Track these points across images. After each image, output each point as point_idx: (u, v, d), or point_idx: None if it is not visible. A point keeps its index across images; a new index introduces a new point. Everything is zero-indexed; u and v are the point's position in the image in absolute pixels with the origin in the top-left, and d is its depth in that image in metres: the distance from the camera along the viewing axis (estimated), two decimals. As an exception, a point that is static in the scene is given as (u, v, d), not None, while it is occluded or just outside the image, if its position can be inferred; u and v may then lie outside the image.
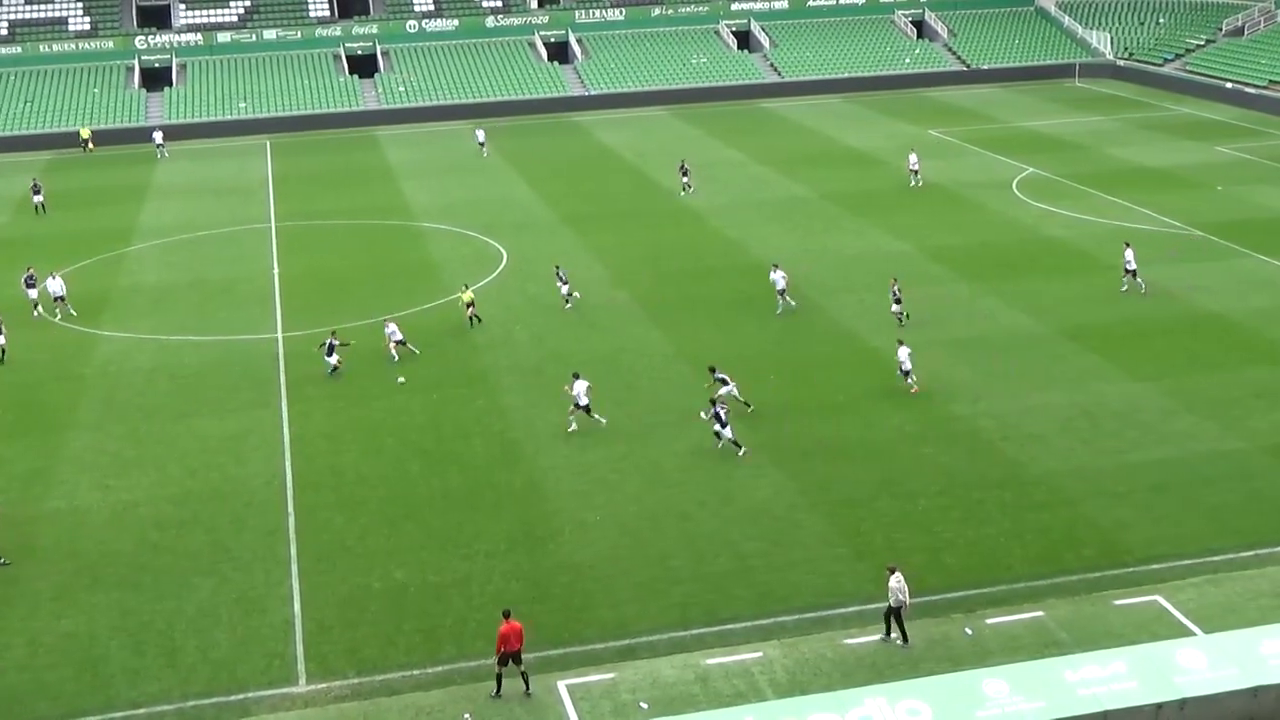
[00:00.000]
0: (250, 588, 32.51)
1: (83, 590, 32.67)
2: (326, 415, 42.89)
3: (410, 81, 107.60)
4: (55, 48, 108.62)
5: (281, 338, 51.05)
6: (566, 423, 41.18)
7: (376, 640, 30.02)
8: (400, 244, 65.49)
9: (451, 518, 35.73)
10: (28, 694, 28.55)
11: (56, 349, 50.94)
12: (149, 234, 69.77)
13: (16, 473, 39.70)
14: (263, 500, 37.27)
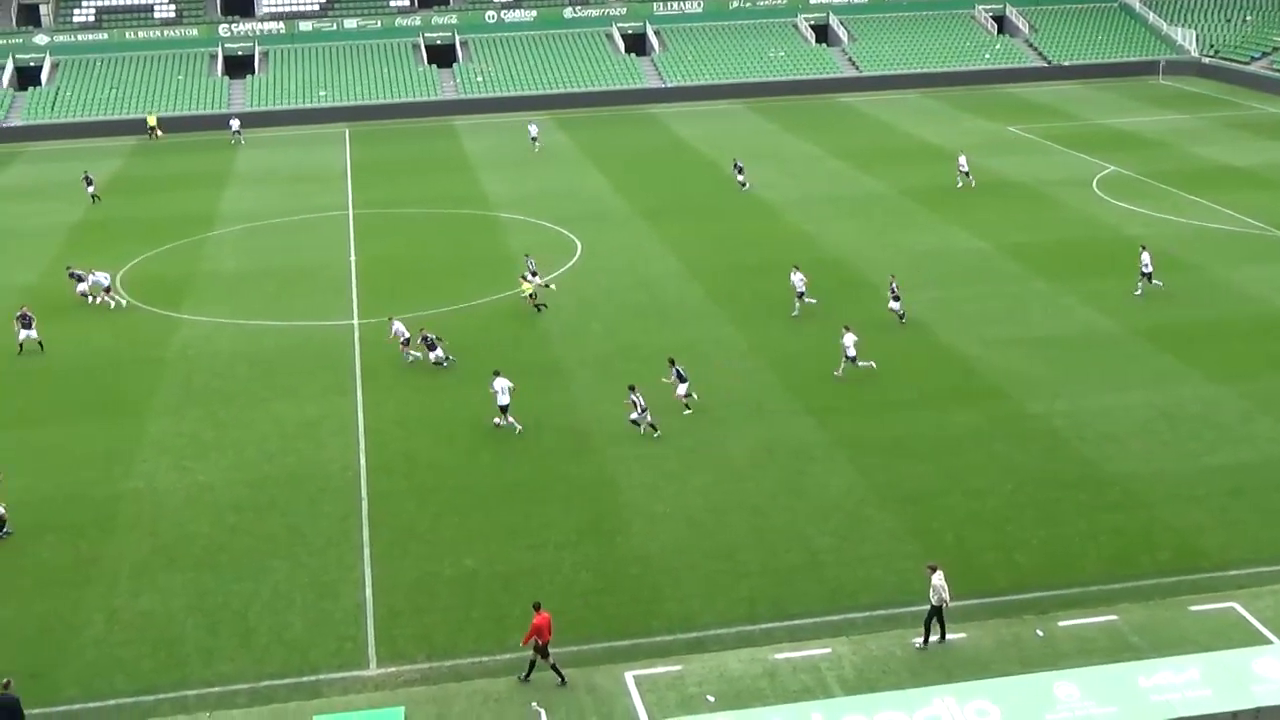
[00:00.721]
0: (323, 571, 32.90)
1: (160, 570, 33.22)
2: (400, 403, 43.26)
3: (488, 72, 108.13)
4: (141, 34, 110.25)
5: (357, 324, 51.54)
6: (492, 422, 41.18)
7: (446, 627, 30.28)
8: (476, 233, 65.88)
9: (521, 508, 35.94)
10: (105, 669, 29.10)
11: (138, 332, 51.76)
12: (229, 220, 70.69)
13: (98, 452, 40.41)
14: (337, 485, 37.68)
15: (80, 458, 40.15)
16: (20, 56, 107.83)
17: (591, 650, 29.16)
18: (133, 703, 27.86)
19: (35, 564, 33.75)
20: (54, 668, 29.14)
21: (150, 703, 27.83)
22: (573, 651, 29.03)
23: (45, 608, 31.57)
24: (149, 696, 28.04)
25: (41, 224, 71.26)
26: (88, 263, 61.20)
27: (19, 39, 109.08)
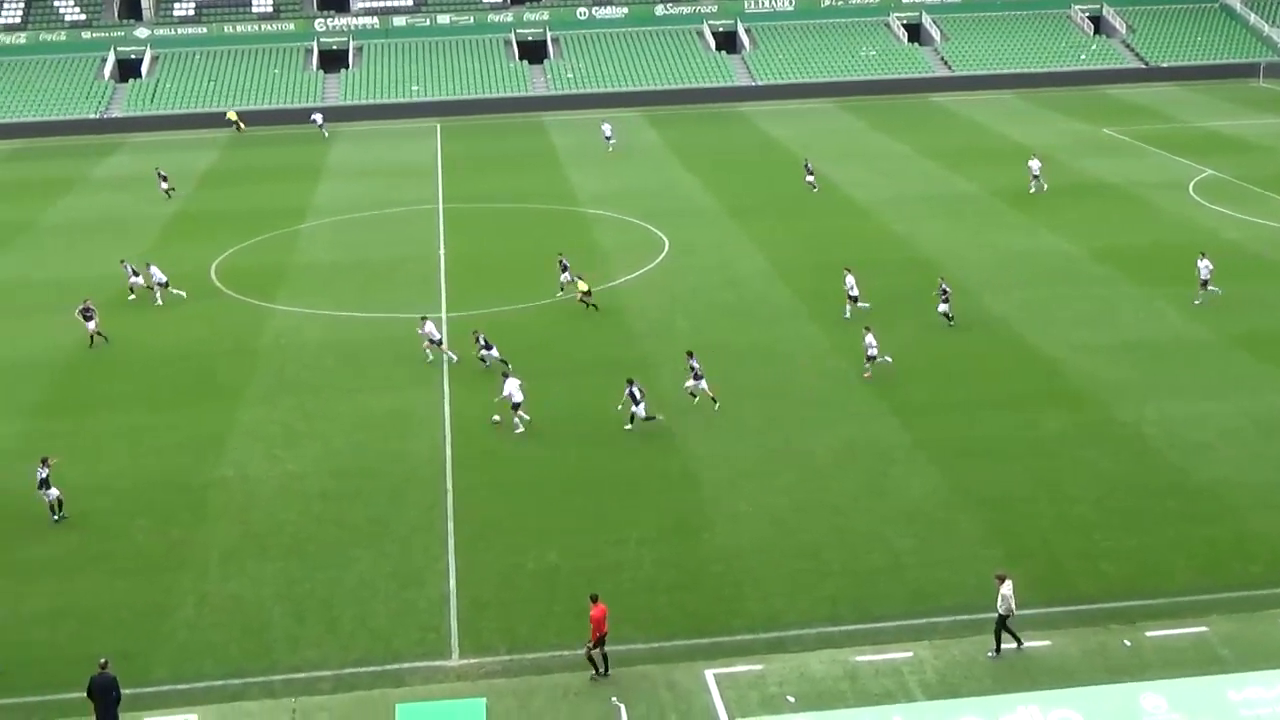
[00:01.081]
0: (408, 562, 33.25)
1: (250, 556, 33.76)
2: (486, 397, 43.52)
3: (578, 68, 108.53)
4: (239, 28, 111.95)
5: (446, 318, 52.00)
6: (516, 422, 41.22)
7: (528, 620, 30.47)
8: (564, 229, 66.16)
9: (605, 502, 36.08)
10: (195, 652, 29.64)
11: (232, 322, 52.60)
12: (322, 212, 71.61)
13: (192, 440, 41.14)
14: (423, 477, 38.05)
15: (175, 444, 40.91)
16: (122, 49, 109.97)
17: (672, 647, 29.22)
18: (221, 685, 28.34)
19: (129, 548, 34.45)
20: (146, 649, 29.73)
21: (238, 686, 28.30)
22: (653, 648, 29.14)
23: (138, 591, 32.22)
24: (236, 680, 28.51)
25: (140, 213, 72.67)
26: (180, 253, 62.47)
27: (120, 32, 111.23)
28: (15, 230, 69.90)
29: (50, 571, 33.35)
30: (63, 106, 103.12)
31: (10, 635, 30.47)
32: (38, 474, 36.00)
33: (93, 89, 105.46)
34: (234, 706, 27.59)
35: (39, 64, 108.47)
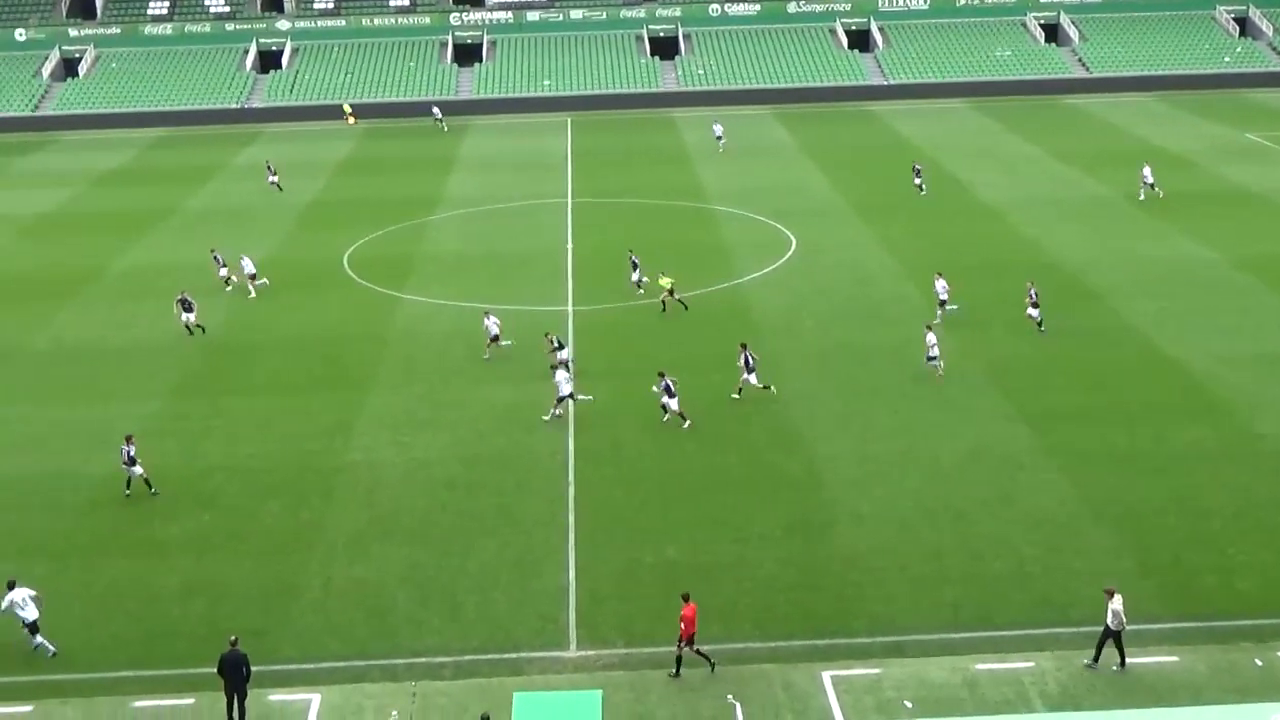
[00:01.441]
0: (529, 552, 33.53)
1: (375, 540, 34.32)
2: (610, 390, 43.73)
3: (709, 65, 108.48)
4: (376, 22, 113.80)
5: (572, 311, 52.34)
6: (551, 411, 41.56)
7: (646, 614, 30.54)
8: (691, 226, 66.21)
9: (726, 499, 36.04)
10: (320, 632, 30.22)
11: (363, 310, 53.51)
12: (453, 204, 72.52)
13: (323, 425, 41.94)
14: (546, 469, 38.35)
15: (306, 428, 41.74)
16: (263, 41, 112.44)
17: (790, 647, 29.09)
18: (345, 666, 28.84)
19: (260, 528, 35.24)
20: (274, 627, 30.38)
21: (360, 668, 28.77)
22: (771, 647, 29.05)
23: (267, 570, 32.95)
24: (360, 662, 29.00)
25: (276, 202, 74.26)
26: (314, 241, 63.73)
27: (262, 24, 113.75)
28: (159, 216, 71.87)
29: (184, 549, 34.24)
30: (206, 96, 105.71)
31: (145, 610, 31.36)
32: (123, 451, 37.03)
33: (234, 79, 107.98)
34: (356, 688, 28.05)
35: (184, 55, 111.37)
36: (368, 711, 27.22)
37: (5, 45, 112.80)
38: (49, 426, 42.51)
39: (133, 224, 70.05)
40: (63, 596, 31.95)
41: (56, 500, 37.32)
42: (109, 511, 36.44)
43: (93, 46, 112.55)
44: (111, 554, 34.13)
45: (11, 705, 27.73)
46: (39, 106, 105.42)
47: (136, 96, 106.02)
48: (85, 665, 29.18)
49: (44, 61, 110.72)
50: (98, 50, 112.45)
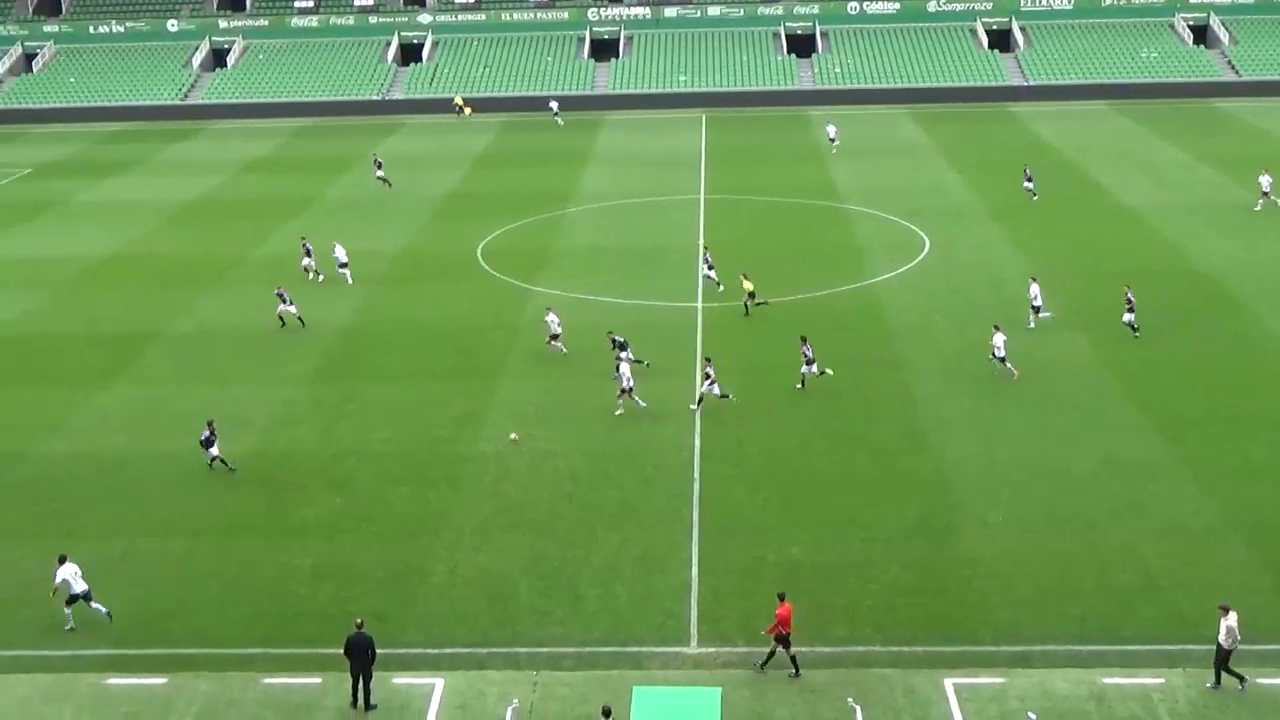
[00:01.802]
0: (652, 547, 33.66)
1: (500, 530, 34.74)
2: (738, 387, 43.67)
3: (846, 63, 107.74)
4: (515, 16, 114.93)
5: (701, 308, 52.39)
6: (617, 406, 41.85)
7: (768, 613, 30.27)
8: (824, 224, 65.85)
9: (851, 500, 35.83)
10: (444, 618, 30.68)
11: (496, 301, 54.15)
12: (586, 198, 73.00)
13: (453, 414, 42.54)
14: (671, 464, 38.46)
15: (437, 417, 42.36)
16: (405, 34, 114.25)
17: (912, 652, 28.84)
18: (468, 653, 29.24)
19: (389, 513, 35.88)
20: (399, 611, 30.92)
21: (483, 655, 29.14)
22: (893, 651, 28.81)
23: (395, 555, 33.53)
24: (482, 649, 29.37)
25: (413, 194, 75.37)
26: (450, 232, 64.61)
27: (405, 17, 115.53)
28: (300, 205, 73.48)
29: (316, 532, 35.00)
30: (348, 87, 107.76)
31: (276, 589, 32.12)
32: (203, 434, 38.32)
33: (376, 71, 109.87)
34: (479, 674, 28.43)
35: (328, 46, 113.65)
36: (489, 698, 27.57)
37: (158, 36, 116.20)
38: (190, 407, 43.67)
39: (274, 212, 71.74)
40: (198, 573, 32.93)
41: (196, 479, 38.39)
42: (246, 491, 37.40)
43: (241, 38, 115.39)
44: (246, 533, 35.01)
45: (146, 677, 28.61)
46: (188, 96, 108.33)
47: (281, 87, 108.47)
48: (218, 641, 29.97)
49: (194, 52, 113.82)
50: (246, 41, 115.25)
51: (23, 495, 37.78)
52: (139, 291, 57.31)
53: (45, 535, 35.02)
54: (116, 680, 28.55)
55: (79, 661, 29.34)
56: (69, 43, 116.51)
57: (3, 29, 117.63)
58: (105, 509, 36.69)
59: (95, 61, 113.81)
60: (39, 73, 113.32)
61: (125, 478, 38.59)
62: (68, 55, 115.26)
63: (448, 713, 27.19)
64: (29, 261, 63.46)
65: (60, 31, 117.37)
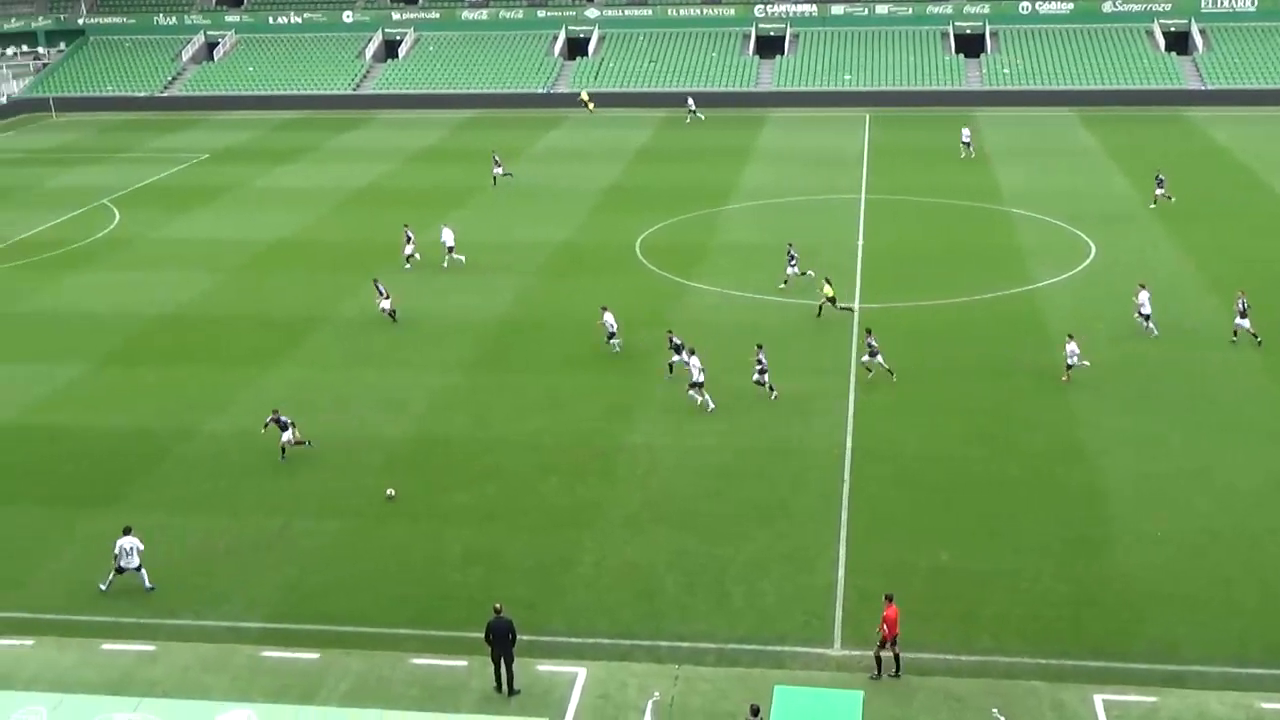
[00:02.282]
0: (800, 546, 33.53)
1: (648, 523, 34.92)
2: (892, 389, 43.29)
3: (1015, 64, 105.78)
4: (682, 12, 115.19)
5: (859, 308, 51.94)
6: (693, 399, 42.24)
7: (914, 618, 30.08)
8: (985, 227, 64.80)
9: (1004, 508, 35.25)
10: (589, 609, 30.96)
11: (651, 295, 54.40)
12: (746, 195, 72.90)
13: (605, 405, 42.89)
14: (822, 464, 38.25)
15: (589, 408, 42.76)
16: (572, 29, 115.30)
17: (1061, 666, 28.27)
18: (611, 644, 29.48)
19: (539, 502, 36.32)
20: (545, 600, 31.29)
21: (626, 647, 29.35)
22: (1041, 664, 28.29)
23: (543, 544, 33.94)
24: (625, 641, 29.59)
25: (574, 187, 76.08)
26: (609, 224, 65.03)
27: (572, 11, 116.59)
28: (464, 194, 74.73)
29: (468, 518, 35.60)
30: (514, 80, 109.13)
31: (427, 573, 32.76)
32: (267, 421, 39.59)
33: (542, 65, 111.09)
34: (621, 666, 28.64)
35: (497, 39, 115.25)
36: (630, 689, 27.76)
37: (333, 27, 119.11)
38: (353, 390, 44.83)
39: (439, 201, 73.03)
40: (352, 553, 33.75)
41: (355, 460, 39.36)
42: (403, 474, 38.16)
43: (413, 30, 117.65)
44: (400, 516, 35.75)
45: (300, 651, 29.41)
46: (359, 86, 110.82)
47: (450, 78, 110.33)
48: (369, 620, 30.68)
49: (367, 43, 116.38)
50: (417, 33, 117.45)
51: (189, 471, 39.12)
52: (306, 276, 58.87)
53: (208, 511, 36.28)
54: (271, 653, 29.41)
55: (237, 633, 30.30)
56: (249, 32, 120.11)
57: (187, 18, 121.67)
58: (265, 487, 37.81)
59: (273, 51, 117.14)
60: (220, 61, 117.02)
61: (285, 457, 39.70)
62: (247, 45, 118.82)
63: (589, 702, 27.45)
64: (205, 244, 65.64)
65: (241, 21, 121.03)
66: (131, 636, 30.21)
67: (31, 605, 31.69)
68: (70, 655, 29.53)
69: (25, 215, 72.69)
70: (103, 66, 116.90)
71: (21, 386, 46.23)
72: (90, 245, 65.99)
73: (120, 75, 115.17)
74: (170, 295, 56.63)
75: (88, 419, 43.33)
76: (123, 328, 52.54)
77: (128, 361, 48.81)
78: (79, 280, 59.65)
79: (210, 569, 33.13)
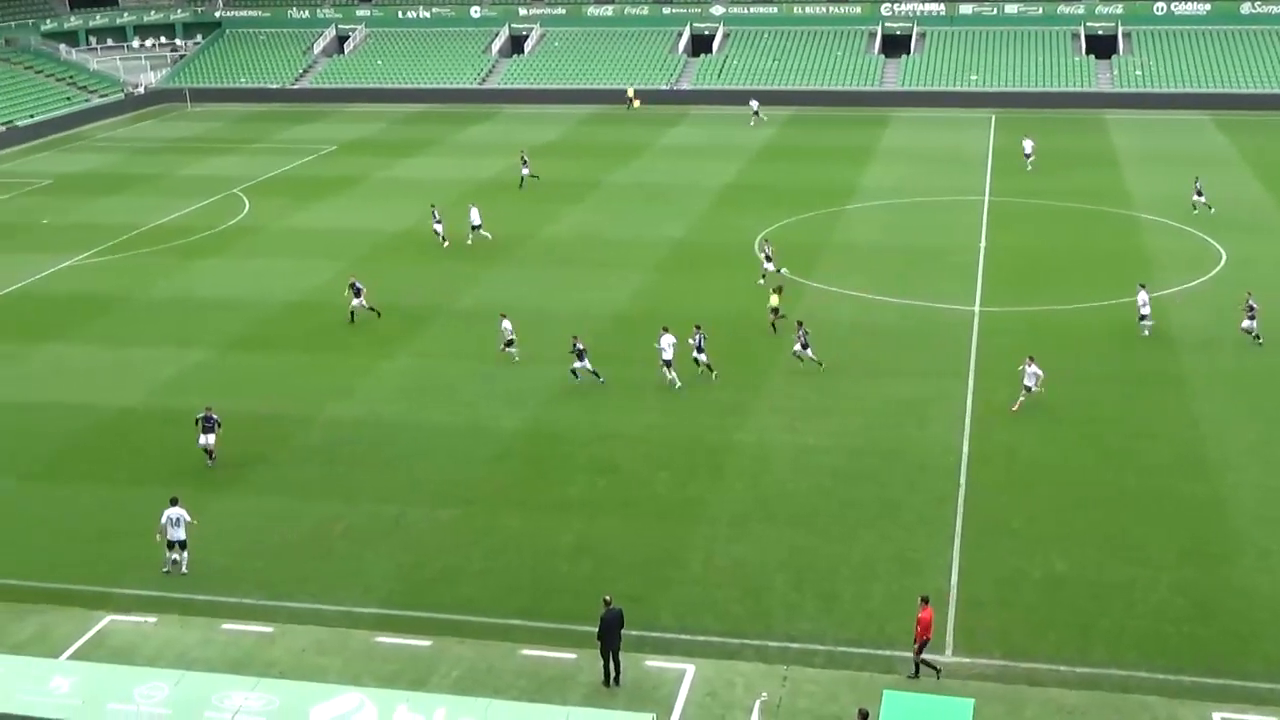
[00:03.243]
0: (911, 550, 33.23)
1: (758, 522, 34.85)
2: (1010, 394, 42.69)
3: (1148, 65, 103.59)
4: (808, 10, 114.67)
5: (978, 311, 51.33)
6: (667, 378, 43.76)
7: (1026, 627, 29.75)
8: (1112, 232, 63.59)
9: (1123, 518, 34.57)
10: (697, 606, 30.97)
11: (768, 294, 54.06)
12: (867, 195, 72.35)
13: (719, 403, 42.88)
14: (936, 467, 37.86)
15: (703, 404, 42.79)
16: (697, 26, 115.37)
17: (1177, 681, 27.67)
18: (719, 642, 29.46)
19: (650, 497, 36.44)
20: (653, 595, 31.38)
21: (734, 646, 29.31)
22: (1157, 679, 27.72)
23: (653, 539, 34.04)
24: (734, 640, 29.54)
25: (697, 182, 76.14)
26: (728, 222, 64.92)
27: (698, 9, 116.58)
28: (585, 189, 75.12)
29: (579, 510, 35.84)
30: (638, 76, 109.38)
31: (538, 563, 33.03)
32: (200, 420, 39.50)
33: (666, 61, 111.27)
34: (729, 664, 28.61)
35: (621, 36, 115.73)
36: (738, 688, 27.72)
37: (461, 22, 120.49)
38: (468, 380, 45.34)
39: (561, 195, 73.51)
40: (465, 542, 34.16)
41: (469, 450, 39.81)
42: (514, 465, 38.57)
43: (539, 25, 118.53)
44: (513, 506, 36.09)
45: (412, 638, 29.84)
46: (485, 80, 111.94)
47: (573, 74, 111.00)
48: (480, 609, 31.00)
49: (493, 38, 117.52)
50: (543, 29, 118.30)
51: (308, 457, 39.89)
52: (426, 266, 59.65)
53: (325, 496, 36.96)
54: (384, 639, 29.88)
55: (352, 618, 30.82)
56: (379, 26, 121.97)
57: (319, 12, 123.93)
58: (382, 475, 38.40)
59: (401, 45, 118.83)
60: (350, 55, 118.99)
61: (401, 446, 40.29)
62: (376, 39, 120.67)
63: (697, 699, 27.47)
64: (329, 233, 66.83)
65: (371, 16, 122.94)
66: (251, 618, 30.90)
67: (156, 583, 32.57)
68: (192, 634, 30.31)
69: (159, 202, 74.61)
70: (237, 59, 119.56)
71: (149, 369, 47.50)
72: (220, 233, 67.54)
73: (254, 67, 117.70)
74: (294, 283, 57.78)
75: (211, 402, 44.32)
76: (248, 314, 53.73)
77: (251, 347, 49.91)
78: (208, 267, 61.09)
79: (327, 554, 33.75)
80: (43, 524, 36.03)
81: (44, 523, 36.12)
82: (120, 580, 32.71)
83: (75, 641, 29.97)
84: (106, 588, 32.38)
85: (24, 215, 72.89)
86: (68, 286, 58.58)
